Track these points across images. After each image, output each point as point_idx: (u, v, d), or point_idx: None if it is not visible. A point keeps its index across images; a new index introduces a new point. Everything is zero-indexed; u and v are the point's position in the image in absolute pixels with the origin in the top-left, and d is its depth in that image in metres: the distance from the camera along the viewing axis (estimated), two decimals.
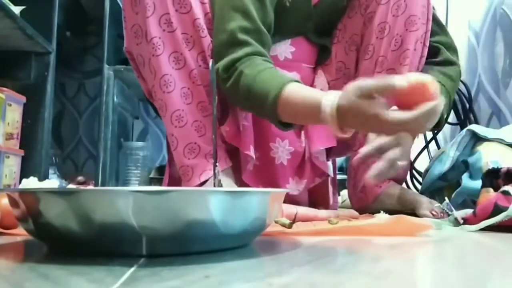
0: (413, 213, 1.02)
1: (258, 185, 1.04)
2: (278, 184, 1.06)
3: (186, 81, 0.94)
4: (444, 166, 1.16)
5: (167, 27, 0.92)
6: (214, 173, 0.88)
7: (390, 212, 0.97)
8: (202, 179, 0.94)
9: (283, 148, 1.06)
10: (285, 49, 1.09)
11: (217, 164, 0.86)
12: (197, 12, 0.93)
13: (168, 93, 0.94)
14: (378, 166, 0.68)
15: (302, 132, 1.10)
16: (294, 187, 1.07)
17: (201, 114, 0.95)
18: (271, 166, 1.06)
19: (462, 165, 1.15)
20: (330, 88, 1.12)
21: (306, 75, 1.12)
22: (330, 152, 1.14)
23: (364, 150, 0.70)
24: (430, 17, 1.05)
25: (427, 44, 1.06)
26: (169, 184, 1.07)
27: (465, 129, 1.19)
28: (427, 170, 1.23)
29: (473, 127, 1.17)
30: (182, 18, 0.92)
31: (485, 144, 1.13)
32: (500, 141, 1.13)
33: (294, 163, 1.08)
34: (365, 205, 1.13)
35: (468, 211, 0.79)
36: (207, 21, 0.95)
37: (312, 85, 1.13)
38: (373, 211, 1.05)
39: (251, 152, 0.99)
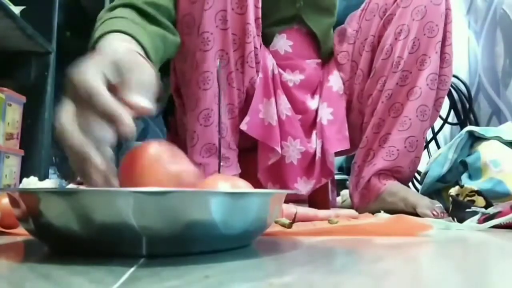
0: (414, 213, 1.02)
1: (267, 183, 1.05)
2: (286, 183, 1.06)
3: (224, 81, 0.95)
4: (442, 168, 1.17)
5: (221, 24, 0.91)
6: (219, 172, 0.89)
7: (391, 212, 0.97)
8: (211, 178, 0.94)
9: (294, 148, 1.07)
10: (283, 43, 1.10)
11: (221, 164, 0.86)
12: (250, 16, 0.93)
13: (204, 90, 0.94)
14: None
15: (314, 133, 1.11)
16: (302, 187, 1.07)
17: (227, 116, 0.96)
18: (280, 165, 1.06)
19: (461, 166, 1.16)
20: (345, 88, 1.15)
21: (312, 73, 1.14)
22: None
23: None
24: (449, 29, 1.08)
25: (448, 51, 1.10)
26: None
27: (462, 131, 1.19)
28: (425, 173, 1.23)
29: (470, 128, 1.18)
30: (236, 18, 0.92)
31: (483, 143, 1.14)
32: (498, 139, 1.13)
33: (304, 163, 1.09)
34: (367, 202, 1.14)
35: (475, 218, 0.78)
36: (256, 25, 0.95)
37: (321, 81, 1.15)
38: (373, 211, 1.05)
39: (279, 148, 1.00)
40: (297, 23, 1.12)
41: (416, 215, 1.00)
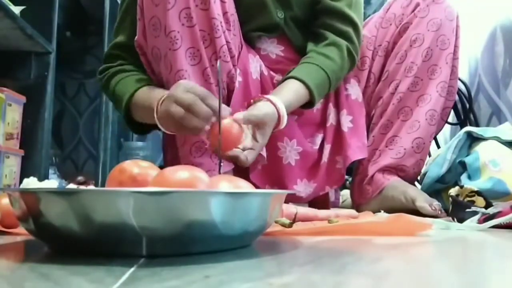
0: (414, 208, 1.03)
1: (265, 185, 1.04)
2: (285, 184, 1.06)
3: (199, 78, 0.94)
4: (441, 168, 1.17)
5: (186, 22, 0.91)
6: (219, 173, 0.88)
7: (391, 211, 0.97)
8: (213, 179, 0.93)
9: (290, 148, 1.07)
10: (273, 48, 1.09)
11: (221, 164, 0.86)
12: (216, 11, 0.92)
13: None
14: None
15: (320, 136, 1.11)
16: (302, 189, 1.07)
17: None
18: (278, 165, 1.06)
19: (459, 167, 1.16)
20: (363, 95, 1.16)
21: None
22: None
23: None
24: (458, 43, 1.16)
25: (455, 64, 1.17)
26: None
27: (460, 132, 1.19)
28: (424, 174, 1.23)
29: (469, 128, 1.18)
30: (201, 15, 0.91)
31: (482, 144, 1.14)
32: (497, 139, 1.14)
33: (304, 165, 1.09)
34: (369, 198, 1.15)
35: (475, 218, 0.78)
36: (225, 20, 0.94)
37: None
38: (374, 209, 1.05)
39: (264, 152, 0.99)
40: (280, 33, 1.09)
41: (416, 211, 1.01)
